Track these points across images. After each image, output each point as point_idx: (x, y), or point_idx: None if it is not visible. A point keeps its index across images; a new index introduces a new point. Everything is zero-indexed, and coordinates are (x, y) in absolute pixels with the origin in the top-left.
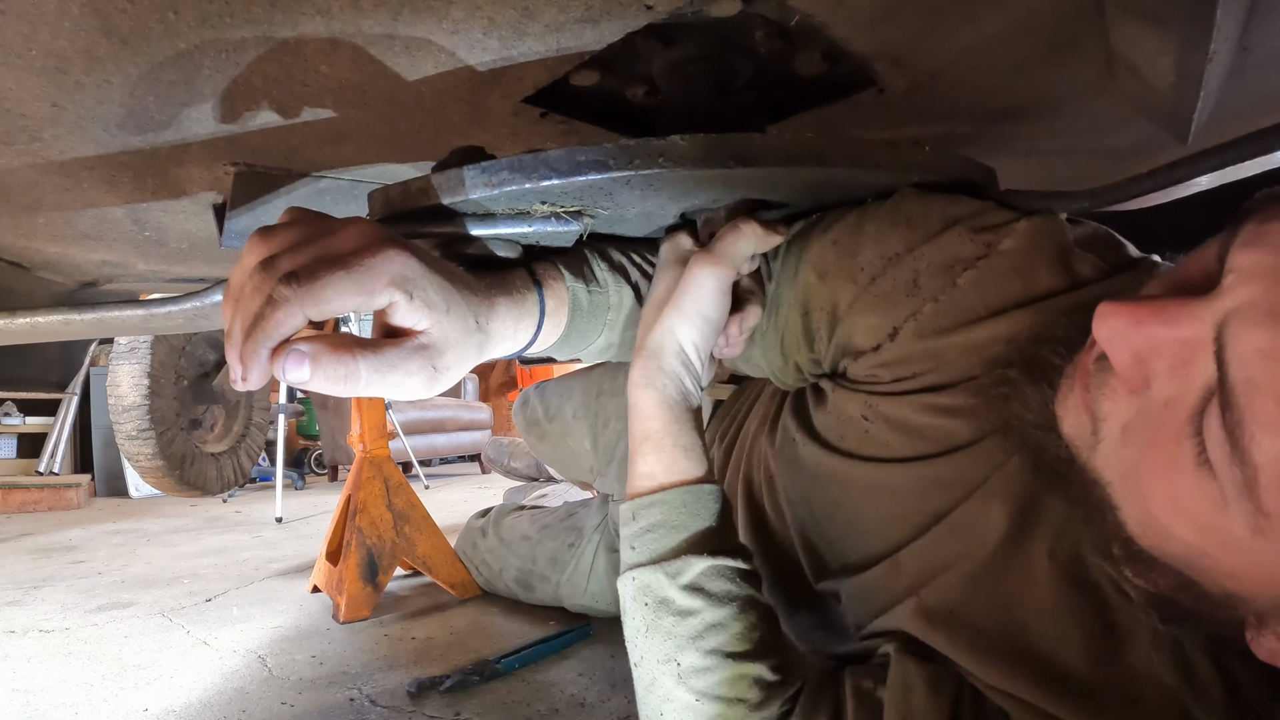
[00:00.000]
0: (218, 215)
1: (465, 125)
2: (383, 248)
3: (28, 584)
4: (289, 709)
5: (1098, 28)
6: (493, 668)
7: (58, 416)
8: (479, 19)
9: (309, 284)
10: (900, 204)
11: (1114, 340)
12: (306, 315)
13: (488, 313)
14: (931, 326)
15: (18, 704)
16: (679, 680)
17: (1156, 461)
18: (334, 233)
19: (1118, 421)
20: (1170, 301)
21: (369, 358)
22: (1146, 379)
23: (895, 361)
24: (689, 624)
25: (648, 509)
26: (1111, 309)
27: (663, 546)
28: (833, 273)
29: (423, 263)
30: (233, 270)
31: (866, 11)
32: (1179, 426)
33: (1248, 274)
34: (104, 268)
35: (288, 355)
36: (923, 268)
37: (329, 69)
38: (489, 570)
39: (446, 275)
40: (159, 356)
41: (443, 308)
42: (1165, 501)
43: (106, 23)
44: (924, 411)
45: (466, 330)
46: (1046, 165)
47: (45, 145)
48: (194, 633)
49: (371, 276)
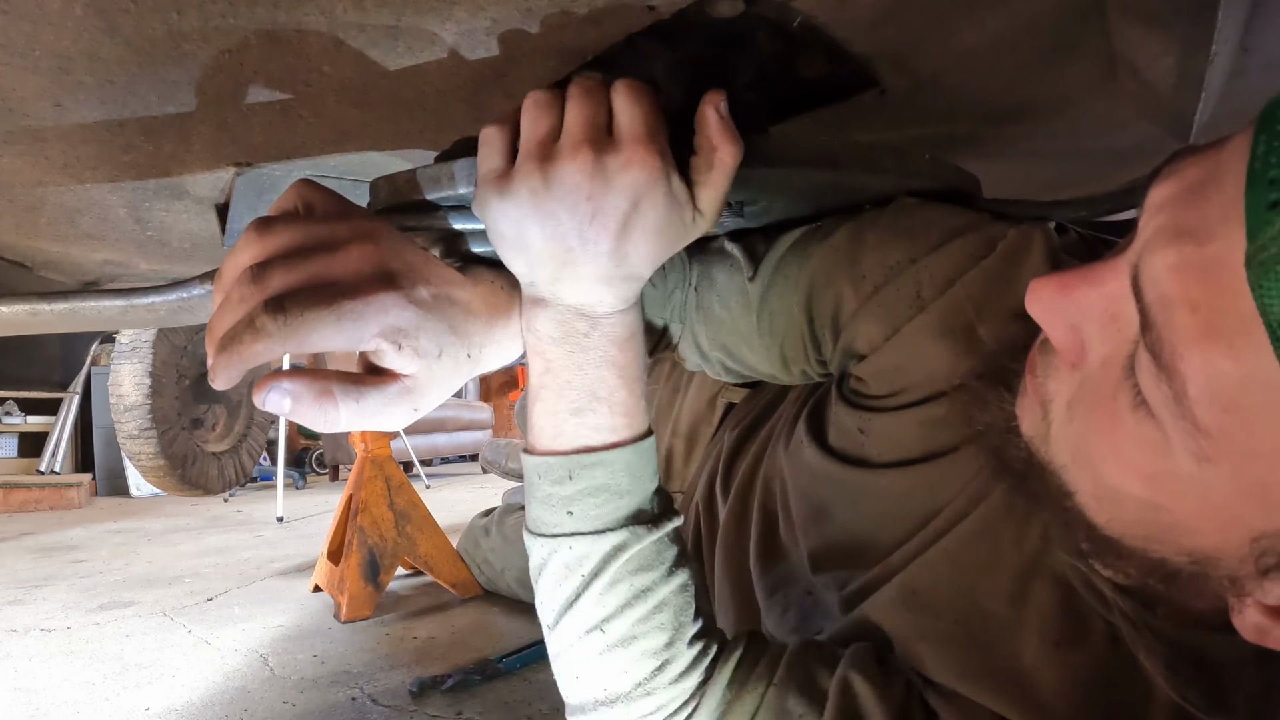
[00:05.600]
0: (220, 215)
1: (468, 125)
2: (378, 292)
3: (29, 583)
4: (291, 708)
5: (1099, 29)
6: (494, 667)
7: (59, 416)
8: (482, 19)
9: (294, 321)
10: (901, 214)
11: (1047, 314)
12: (286, 351)
13: (483, 338)
14: (924, 333)
15: (20, 703)
16: (604, 650)
17: (1099, 423)
18: (335, 248)
19: (1063, 400)
20: (1095, 264)
21: (350, 403)
22: (1083, 347)
23: (888, 370)
24: (619, 592)
25: (589, 469)
26: (1040, 283)
27: (606, 515)
28: (834, 280)
29: (418, 309)
30: (226, 257)
31: (869, 13)
32: (1115, 381)
33: (1156, 207)
34: (106, 267)
35: (269, 390)
36: (925, 279)
37: (331, 69)
38: (491, 570)
39: (444, 312)
40: (161, 355)
41: (434, 353)
42: (1111, 460)
43: (110, 23)
44: (912, 425)
45: (456, 367)
46: (1047, 166)
47: (48, 145)
48: (195, 632)
49: (360, 325)
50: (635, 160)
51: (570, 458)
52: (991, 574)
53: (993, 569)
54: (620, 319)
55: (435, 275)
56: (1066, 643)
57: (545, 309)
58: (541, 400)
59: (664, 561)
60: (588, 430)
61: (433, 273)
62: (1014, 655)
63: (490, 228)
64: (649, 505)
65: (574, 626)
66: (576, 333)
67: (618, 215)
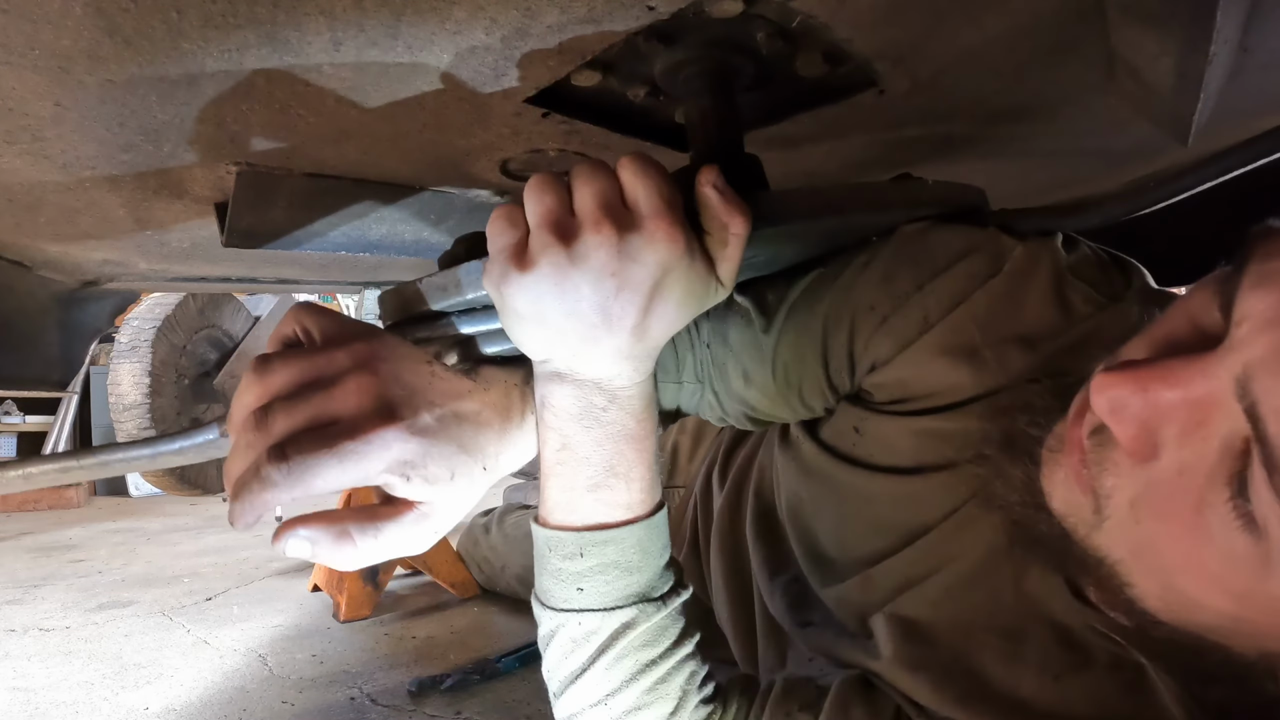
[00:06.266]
0: (220, 215)
1: (467, 125)
2: (378, 428)
3: (28, 583)
4: (289, 708)
5: (1099, 29)
6: (493, 667)
7: (58, 415)
8: (481, 19)
9: (297, 468)
10: (905, 244)
11: (1118, 412)
12: (295, 496)
13: (497, 447)
14: (929, 349)
15: (18, 702)
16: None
17: (1177, 533)
18: (334, 383)
19: (1124, 497)
20: (1174, 362)
21: (368, 541)
22: (1155, 448)
23: (892, 383)
24: (625, 667)
25: (601, 546)
26: (1110, 380)
27: (616, 592)
28: (845, 320)
29: (422, 439)
30: (234, 398)
31: (868, 13)
32: (1198, 493)
33: (1264, 320)
34: (105, 266)
35: (288, 539)
36: (932, 303)
37: (331, 69)
38: (490, 568)
39: (452, 433)
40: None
41: (445, 478)
42: (1193, 573)
43: (110, 23)
44: (907, 433)
45: (471, 483)
46: (1046, 166)
47: (48, 144)
48: (194, 631)
49: (363, 464)
50: (660, 234)
51: (583, 534)
52: (990, 612)
53: (992, 608)
54: (638, 390)
55: (440, 394)
56: (1067, 673)
57: (562, 384)
58: (557, 475)
59: (671, 635)
60: (604, 507)
61: (437, 392)
62: (1013, 688)
63: (505, 306)
64: (659, 580)
65: (580, 699)
66: (594, 407)
67: (644, 290)
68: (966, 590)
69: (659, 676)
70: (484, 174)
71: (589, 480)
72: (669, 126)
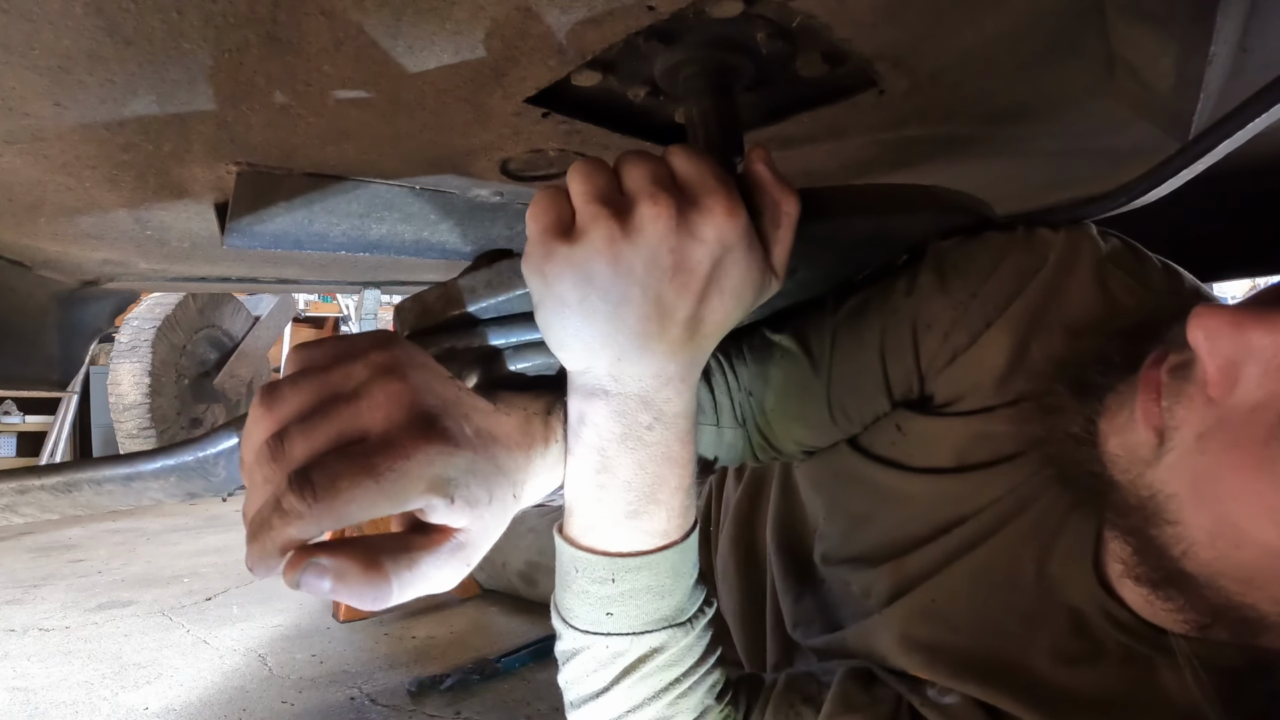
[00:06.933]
0: (220, 214)
1: (467, 125)
2: (419, 442)
3: (28, 582)
4: (289, 708)
5: (1098, 29)
6: (493, 667)
7: (58, 415)
8: (481, 19)
9: (326, 497)
10: (944, 258)
11: (1210, 342)
12: (326, 529)
13: (523, 474)
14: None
15: (18, 702)
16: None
17: (1240, 463)
18: (358, 395)
19: (1192, 430)
20: (1273, 309)
21: (402, 574)
22: (1233, 385)
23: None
24: (649, 685)
25: (634, 573)
26: (1210, 311)
27: (646, 617)
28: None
29: (464, 450)
30: (242, 439)
31: (868, 13)
32: (1269, 429)
33: None
34: (105, 266)
35: (304, 571)
36: (990, 308)
37: (332, 69)
38: (491, 565)
39: (490, 451)
40: (160, 355)
41: (485, 500)
42: (1247, 500)
43: (110, 22)
44: (952, 434)
45: (504, 510)
46: (1046, 166)
47: (48, 144)
48: (194, 631)
49: (405, 485)
50: (720, 209)
51: (616, 560)
52: (1009, 593)
53: (1011, 588)
54: (684, 407)
55: (473, 408)
56: (1080, 661)
57: (604, 401)
58: (596, 500)
59: (697, 653)
60: (641, 535)
61: (470, 405)
62: (1028, 669)
63: (549, 293)
64: (688, 601)
65: (599, 714)
66: (639, 426)
67: (701, 273)
68: (989, 571)
69: (681, 692)
70: (484, 174)
71: (628, 508)
72: (669, 126)
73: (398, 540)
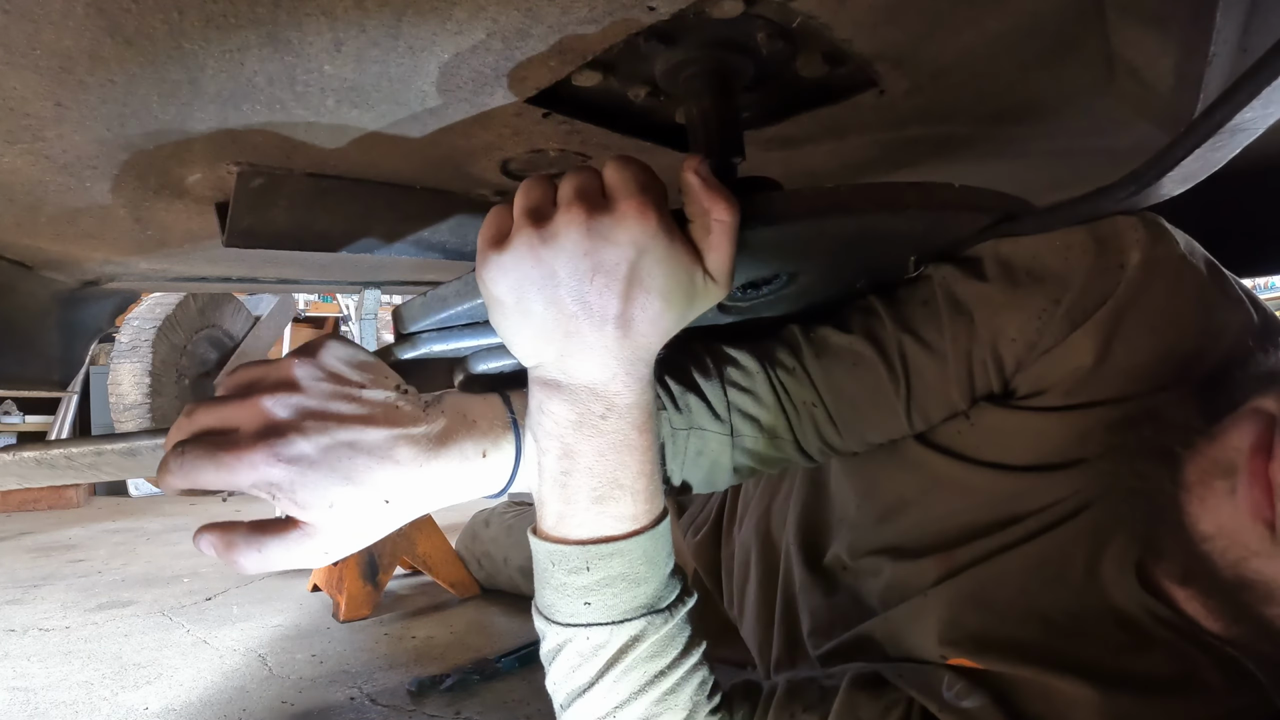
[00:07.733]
0: (220, 214)
1: (468, 125)
2: (249, 448)
3: (28, 582)
4: (289, 708)
5: (1098, 30)
6: (493, 667)
7: (58, 415)
8: (482, 19)
9: (186, 465)
10: (1001, 262)
11: None
12: (188, 485)
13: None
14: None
15: (18, 702)
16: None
17: None
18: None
19: None
20: None
21: (252, 553)
22: None
23: (1033, 378)
24: (633, 679)
25: (607, 560)
26: None
27: (623, 605)
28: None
29: (290, 466)
30: None
31: (869, 13)
32: None
33: None
34: (105, 266)
35: (199, 541)
36: (1078, 315)
37: (332, 69)
38: (491, 563)
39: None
40: (160, 355)
41: (322, 504)
42: None
43: (111, 23)
44: (1032, 429)
45: (367, 514)
46: (1047, 166)
47: (49, 144)
48: (194, 631)
49: (232, 476)
50: (630, 213)
51: (588, 548)
52: (1059, 588)
53: (1062, 584)
54: (636, 400)
55: (350, 422)
56: (1129, 650)
57: (558, 391)
58: (560, 486)
59: (679, 645)
60: (609, 520)
61: (345, 420)
62: (1081, 655)
63: (491, 299)
64: (665, 589)
65: (587, 712)
66: (592, 415)
67: (620, 274)
68: (1042, 564)
69: (668, 687)
70: (485, 174)
71: (593, 493)
72: (670, 127)
73: (258, 526)
